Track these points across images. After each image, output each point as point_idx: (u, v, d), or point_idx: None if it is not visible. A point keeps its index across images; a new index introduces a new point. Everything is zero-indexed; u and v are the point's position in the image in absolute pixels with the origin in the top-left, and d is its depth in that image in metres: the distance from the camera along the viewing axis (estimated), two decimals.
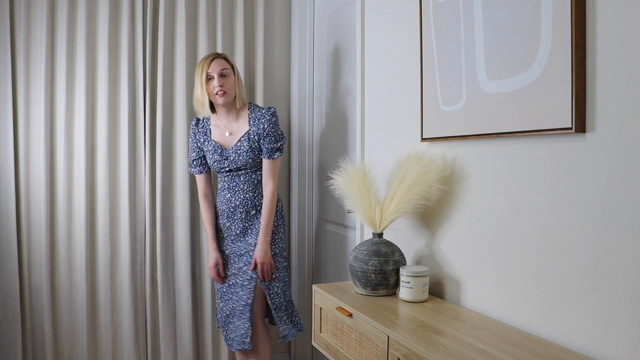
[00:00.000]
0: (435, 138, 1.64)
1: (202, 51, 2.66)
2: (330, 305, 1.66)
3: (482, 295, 1.47)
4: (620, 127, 1.07)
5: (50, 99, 2.49)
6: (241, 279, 2.24)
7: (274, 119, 2.24)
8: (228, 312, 2.27)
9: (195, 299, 2.70)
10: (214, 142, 2.28)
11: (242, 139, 2.24)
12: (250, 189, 2.26)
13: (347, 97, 2.45)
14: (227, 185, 2.29)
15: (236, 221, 2.28)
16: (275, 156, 2.23)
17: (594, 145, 1.13)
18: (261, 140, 2.22)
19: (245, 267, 2.24)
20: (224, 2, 2.70)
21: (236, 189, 2.27)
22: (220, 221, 2.33)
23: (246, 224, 2.27)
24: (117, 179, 2.60)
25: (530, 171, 1.30)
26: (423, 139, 1.69)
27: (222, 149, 2.27)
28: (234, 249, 2.29)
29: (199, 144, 2.34)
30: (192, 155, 2.36)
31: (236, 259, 2.28)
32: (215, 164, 2.28)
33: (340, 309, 1.56)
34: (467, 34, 1.47)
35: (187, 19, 2.64)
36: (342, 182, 1.75)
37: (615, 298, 1.08)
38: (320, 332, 1.75)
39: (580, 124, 1.14)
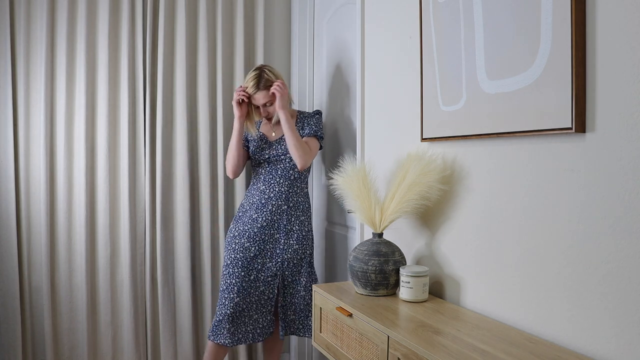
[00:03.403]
0: (435, 138, 1.63)
1: (202, 51, 2.66)
2: (330, 305, 1.66)
3: (482, 295, 1.47)
4: (620, 127, 1.07)
5: (50, 99, 2.49)
6: (264, 274, 2.28)
7: (317, 116, 2.38)
8: (245, 306, 2.27)
9: (195, 299, 2.70)
10: (261, 133, 2.39)
11: None
12: (286, 183, 2.32)
13: (347, 97, 2.45)
14: (262, 178, 2.34)
15: (265, 214, 2.29)
16: (310, 134, 2.31)
17: (594, 145, 1.13)
18: (304, 128, 2.35)
19: (270, 264, 2.29)
20: (224, 2, 2.70)
21: (271, 182, 2.32)
22: (248, 213, 2.33)
23: (274, 217, 2.30)
24: (117, 179, 2.60)
25: (530, 171, 1.30)
26: (423, 139, 1.69)
27: (267, 139, 2.37)
28: (260, 245, 2.30)
29: (246, 136, 2.43)
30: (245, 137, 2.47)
31: (260, 256, 2.29)
32: (258, 150, 2.35)
33: (340, 309, 1.56)
34: (467, 34, 1.47)
35: (187, 19, 2.64)
36: (342, 182, 1.75)
37: (616, 298, 1.08)
38: (320, 332, 1.75)
39: (580, 124, 1.14)
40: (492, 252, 1.43)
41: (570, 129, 1.14)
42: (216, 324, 2.27)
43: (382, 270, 1.61)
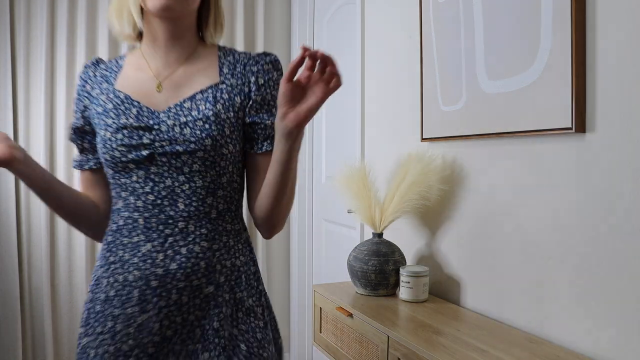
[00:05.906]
0: (435, 138, 1.63)
1: None
2: (330, 305, 1.66)
3: (483, 295, 1.47)
4: (620, 127, 1.07)
5: (50, 98, 2.49)
6: None
7: (276, 75, 0.98)
8: None
9: None
10: (122, 94, 0.95)
11: (199, 97, 0.93)
12: (208, 225, 0.92)
13: (347, 97, 2.45)
14: (140, 222, 0.91)
15: (163, 312, 0.88)
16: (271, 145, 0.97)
17: (594, 145, 1.13)
18: (248, 110, 0.95)
19: None
20: (224, 2, 2.70)
21: (167, 223, 0.90)
22: (117, 309, 0.88)
23: (187, 317, 0.90)
24: None
25: (530, 171, 1.30)
26: (423, 139, 1.69)
27: (141, 107, 0.93)
28: None
29: (85, 103, 0.99)
30: (74, 124, 1.01)
31: None
32: (120, 141, 0.91)
33: (340, 309, 1.56)
34: (467, 34, 1.47)
35: None
36: (342, 182, 1.75)
37: (616, 298, 1.08)
38: (320, 332, 1.75)
39: (580, 124, 1.14)
40: (492, 252, 1.43)
41: (570, 129, 1.14)
42: None
43: (382, 270, 1.61)
